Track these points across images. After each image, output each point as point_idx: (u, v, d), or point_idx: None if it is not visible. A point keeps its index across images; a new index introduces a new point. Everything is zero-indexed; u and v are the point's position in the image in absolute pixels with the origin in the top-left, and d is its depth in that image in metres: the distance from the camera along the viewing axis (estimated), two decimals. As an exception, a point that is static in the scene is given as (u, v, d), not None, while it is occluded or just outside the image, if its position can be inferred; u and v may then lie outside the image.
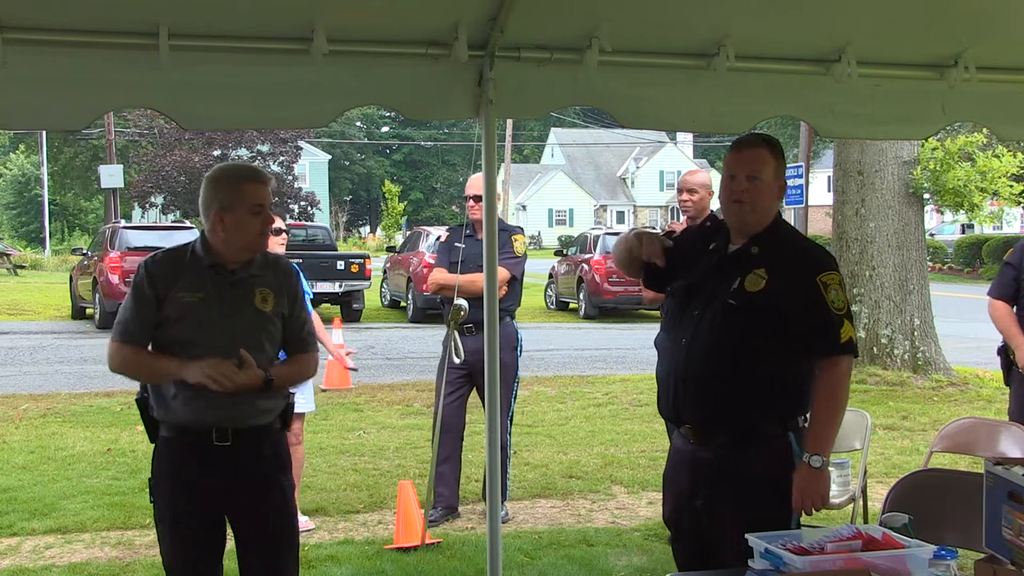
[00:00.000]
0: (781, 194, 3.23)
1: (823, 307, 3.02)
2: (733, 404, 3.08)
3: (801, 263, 3.09)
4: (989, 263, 33.65)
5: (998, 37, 4.06)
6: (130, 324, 3.31)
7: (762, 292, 3.06)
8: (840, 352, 3.06)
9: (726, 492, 3.10)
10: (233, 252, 3.33)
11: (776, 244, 3.15)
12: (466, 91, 3.88)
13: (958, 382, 10.87)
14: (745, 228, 3.20)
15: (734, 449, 3.09)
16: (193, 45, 3.54)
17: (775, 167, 3.18)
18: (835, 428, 3.09)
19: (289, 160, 42.45)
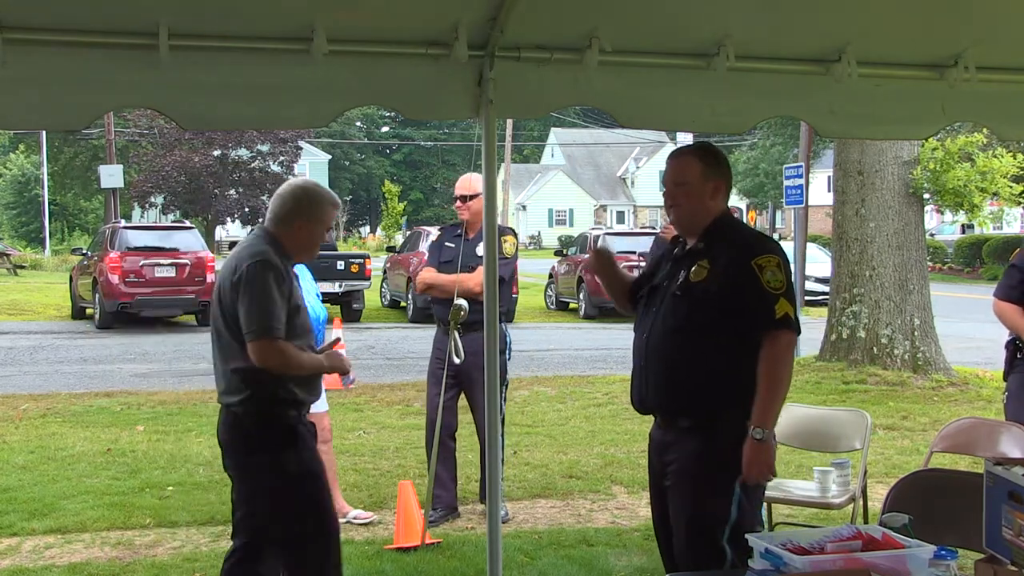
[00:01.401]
0: (717, 193, 3.44)
1: (758, 286, 3.22)
2: (690, 389, 3.31)
3: (739, 250, 3.31)
4: (989, 263, 33.66)
5: (998, 37, 4.06)
6: (280, 321, 3.61)
7: (703, 280, 3.31)
8: (776, 327, 3.23)
9: (682, 470, 3.31)
10: (298, 255, 3.85)
11: (720, 237, 3.39)
12: (466, 91, 3.88)
13: (958, 382, 10.87)
14: (689, 228, 3.47)
15: (695, 431, 3.30)
16: (193, 45, 3.54)
17: (702, 170, 3.43)
18: (777, 401, 3.23)
19: (289, 160, 42.45)
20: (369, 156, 77.72)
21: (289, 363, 3.64)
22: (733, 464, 3.21)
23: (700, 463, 3.28)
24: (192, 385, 11.74)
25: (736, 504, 3.24)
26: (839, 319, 11.38)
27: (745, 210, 50.51)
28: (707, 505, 3.25)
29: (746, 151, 54.15)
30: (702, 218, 3.43)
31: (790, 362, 3.27)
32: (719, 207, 3.45)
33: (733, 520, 3.23)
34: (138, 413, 9.75)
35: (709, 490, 3.25)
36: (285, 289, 3.64)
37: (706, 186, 3.42)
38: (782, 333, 3.24)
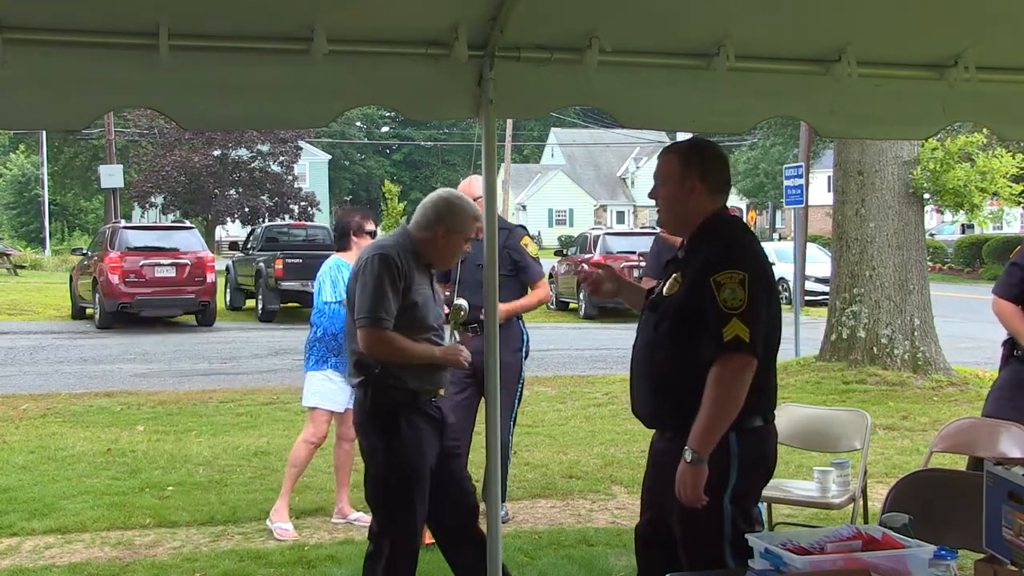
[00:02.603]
0: (697, 191, 3.25)
1: (714, 305, 3.04)
2: (670, 403, 3.21)
3: (704, 264, 3.12)
4: (989, 263, 33.66)
5: (998, 37, 4.06)
6: (389, 312, 3.88)
7: (675, 295, 3.20)
8: (724, 350, 3.03)
9: (667, 484, 3.16)
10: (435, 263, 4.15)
11: (700, 245, 3.23)
12: (466, 91, 3.88)
13: (958, 382, 10.86)
14: (674, 228, 3.42)
15: (677, 442, 3.12)
16: (193, 45, 3.54)
17: (681, 168, 3.28)
18: (716, 427, 3.04)
19: (289, 160, 42.43)
20: (369, 156, 77.71)
21: (393, 352, 3.89)
22: (714, 482, 3.06)
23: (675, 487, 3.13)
24: (192, 385, 11.74)
25: (730, 521, 3.12)
26: (839, 319, 11.38)
27: (745, 210, 50.52)
28: (698, 527, 3.12)
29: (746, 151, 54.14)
30: (686, 219, 3.29)
31: (738, 386, 3.03)
32: (706, 208, 3.25)
33: (729, 536, 3.11)
34: (138, 413, 9.75)
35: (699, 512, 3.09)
36: (400, 284, 3.90)
37: (686, 184, 3.25)
38: (732, 356, 3.02)
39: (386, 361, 3.91)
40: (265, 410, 9.87)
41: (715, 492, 3.07)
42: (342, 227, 6.01)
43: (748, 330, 3.02)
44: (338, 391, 5.89)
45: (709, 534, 3.11)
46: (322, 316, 5.86)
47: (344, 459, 6.10)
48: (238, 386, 11.61)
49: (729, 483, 3.10)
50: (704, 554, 3.12)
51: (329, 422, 5.98)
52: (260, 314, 19.62)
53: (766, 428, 3.21)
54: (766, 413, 3.21)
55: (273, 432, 8.72)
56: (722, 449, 3.08)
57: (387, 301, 3.86)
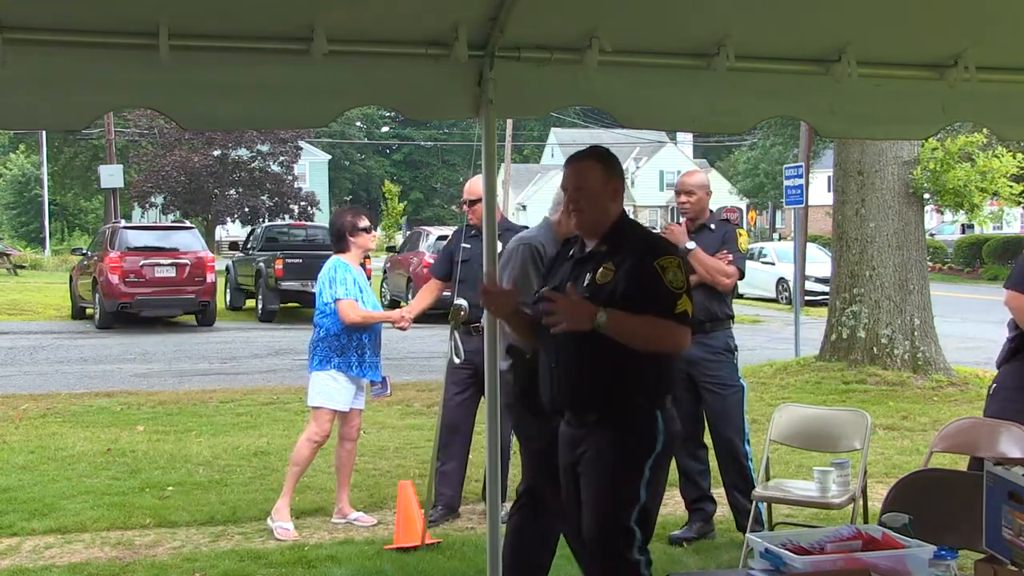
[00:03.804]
0: (616, 195, 3.57)
1: (661, 285, 3.37)
2: (600, 386, 3.44)
3: (642, 252, 3.44)
4: (989, 263, 33.67)
5: (998, 37, 4.06)
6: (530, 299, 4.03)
7: (610, 281, 3.42)
8: (675, 320, 3.37)
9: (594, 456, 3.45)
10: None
11: (621, 239, 3.52)
12: (466, 91, 3.88)
13: (958, 382, 10.86)
14: (592, 231, 3.57)
15: (603, 426, 3.45)
16: (193, 45, 3.54)
17: (602, 173, 3.55)
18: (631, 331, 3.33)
19: (289, 160, 42.41)
20: (369, 156, 77.70)
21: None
22: (643, 448, 3.39)
23: (611, 448, 3.42)
24: (192, 385, 11.74)
25: (644, 486, 3.38)
26: (839, 319, 11.38)
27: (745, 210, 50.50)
28: (618, 487, 3.40)
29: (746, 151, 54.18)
30: (603, 219, 3.54)
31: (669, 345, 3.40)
32: (617, 209, 3.58)
33: (642, 501, 3.38)
34: (138, 413, 9.75)
35: (619, 473, 3.40)
36: (544, 270, 4.12)
37: (607, 189, 3.53)
38: (678, 327, 3.38)
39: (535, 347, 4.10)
40: (265, 410, 9.87)
41: (639, 460, 3.40)
42: (337, 230, 6.02)
43: (691, 307, 3.43)
44: (342, 391, 5.90)
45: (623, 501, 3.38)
46: (324, 317, 5.87)
47: (345, 459, 6.11)
48: (238, 386, 11.61)
49: (654, 450, 3.41)
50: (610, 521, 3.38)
51: (332, 421, 5.99)
52: (260, 314, 19.62)
53: (671, 409, 3.52)
54: (674, 393, 3.56)
55: (273, 432, 8.72)
56: (650, 423, 3.42)
57: (531, 288, 4.09)
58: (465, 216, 6.14)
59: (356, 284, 5.87)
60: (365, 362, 5.94)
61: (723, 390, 5.57)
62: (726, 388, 5.57)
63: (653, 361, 3.42)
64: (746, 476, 5.61)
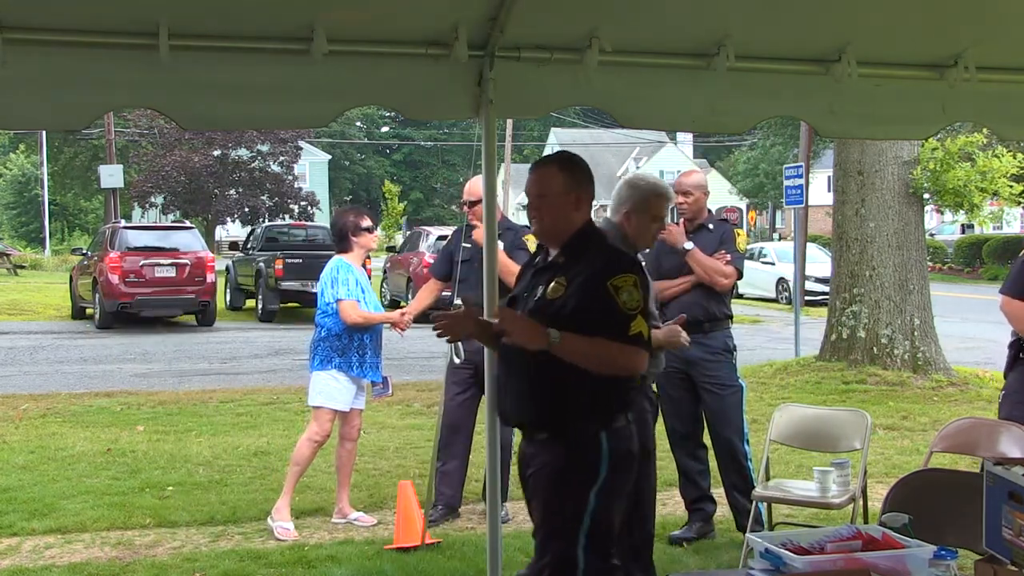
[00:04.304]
0: (579, 204, 3.37)
1: (614, 306, 3.18)
2: (546, 404, 3.27)
3: (596, 269, 3.25)
4: (989, 263, 33.67)
5: (998, 37, 4.06)
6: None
7: (560, 297, 3.25)
8: (628, 342, 3.19)
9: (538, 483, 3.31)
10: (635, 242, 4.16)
11: (580, 252, 3.34)
12: (466, 91, 3.88)
13: (958, 382, 10.86)
14: (552, 239, 3.42)
15: (550, 444, 3.29)
16: (193, 45, 3.54)
17: (563, 181, 3.37)
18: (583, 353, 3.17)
19: (289, 160, 42.41)
20: (369, 156, 77.68)
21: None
22: (584, 474, 3.21)
23: (552, 472, 3.26)
24: (192, 385, 11.74)
25: (590, 513, 3.20)
26: (839, 319, 11.38)
27: (745, 210, 50.51)
28: (558, 514, 3.23)
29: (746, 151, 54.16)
30: (565, 229, 3.38)
31: (622, 368, 3.23)
32: (582, 217, 3.40)
33: (587, 527, 3.20)
34: (138, 413, 9.75)
35: (560, 500, 3.23)
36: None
37: (568, 197, 3.36)
38: (632, 348, 3.20)
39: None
40: (265, 410, 9.87)
41: (583, 486, 3.21)
42: (339, 230, 6.03)
43: (647, 328, 3.25)
44: (342, 390, 5.90)
45: (567, 527, 3.21)
46: (326, 317, 5.87)
47: (346, 459, 6.11)
48: (238, 386, 11.61)
49: (598, 479, 3.22)
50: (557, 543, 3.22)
51: (333, 421, 5.99)
52: (260, 314, 19.62)
53: (629, 427, 3.33)
54: (628, 411, 3.35)
55: (273, 432, 8.72)
56: (593, 446, 3.22)
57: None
58: (465, 216, 6.14)
59: (358, 285, 5.87)
60: (366, 362, 5.95)
61: (722, 390, 5.57)
62: (725, 388, 5.57)
63: (602, 378, 3.24)
64: (746, 476, 5.61)
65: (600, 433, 3.23)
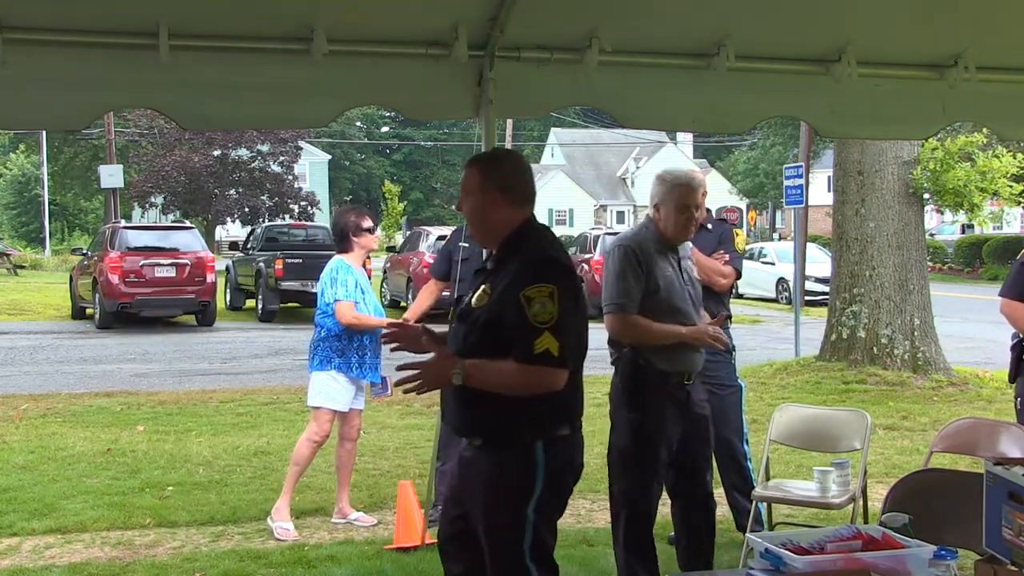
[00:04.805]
0: (500, 203, 3.21)
1: (523, 320, 3.01)
2: (478, 412, 3.15)
3: (513, 278, 3.09)
4: (989, 263, 33.66)
5: (998, 37, 4.06)
6: (631, 297, 4.18)
7: (483, 307, 3.14)
8: (532, 362, 3.01)
9: (472, 492, 3.20)
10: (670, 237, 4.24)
11: (508, 257, 3.18)
12: (466, 91, 3.88)
13: (958, 382, 10.86)
14: (483, 240, 3.36)
15: (484, 451, 3.17)
16: (193, 45, 3.54)
17: (481, 180, 3.23)
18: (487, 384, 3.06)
19: (289, 160, 42.42)
20: (369, 156, 77.69)
21: (639, 334, 4.21)
22: (519, 487, 3.10)
23: (490, 486, 3.15)
24: (192, 385, 11.74)
25: (531, 529, 3.12)
26: (839, 319, 11.38)
27: (745, 210, 50.51)
28: (503, 528, 3.14)
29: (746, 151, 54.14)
30: (492, 229, 3.24)
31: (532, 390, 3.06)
32: (511, 218, 3.21)
33: (530, 542, 3.13)
34: (138, 413, 9.75)
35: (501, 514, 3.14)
36: (642, 271, 4.17)
37: (485, 196, 3.21)
38: (540, 369, 3.02)
39: (635, 343, 4.23)
40: (265, 410, 9.87)
41: (519, 501, 3.10)
42: (340, 229, 6.02)
43: (558, 343, 3.02)
44: (342, 391, 5.90)
45: (510, 541, 3.13)
46: (325, 317, 5.87)
47: (345, 459, 6.11)
48: (238, 386, 11.61)
49: (534, 494, 3.10)
50: (506, 560, 3.15)
51: (332, 421, 5.99)
52: (260, 314, 19.62)
53: (574, 436, 3.22)
54: (573, 421, 3.22)
55: (273, 432, 8.72)
56: (528, 459, 3.10)
57: (630, 288, 4.16)
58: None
59: (357, 286, 5.87)
60: (365, 363, 5.95)
61: (721, 390, 5.56)
62: (724, 388, 5.56)
63: None
64: (745, 476, 5.61)
65: (536, 444, 3.10)
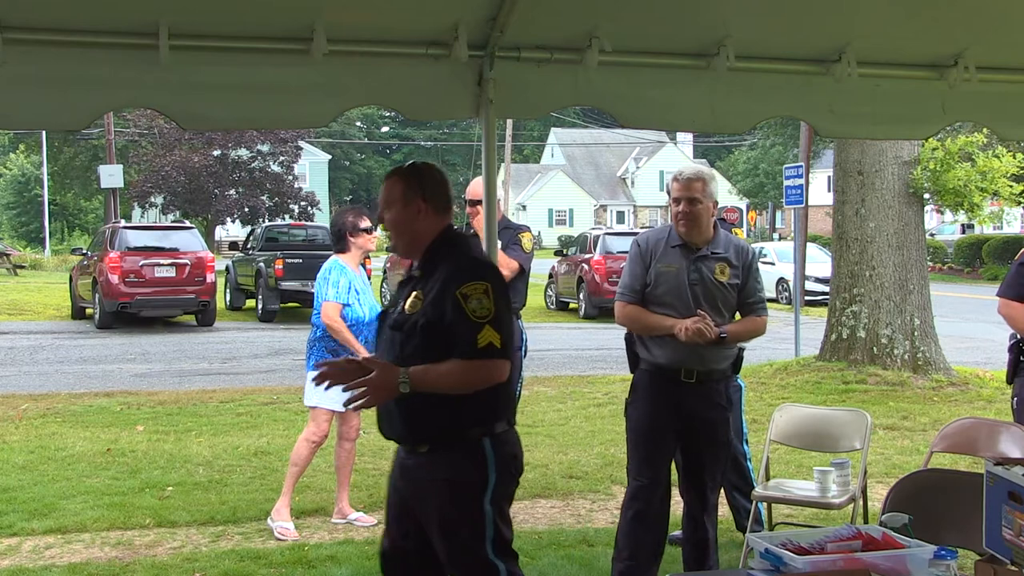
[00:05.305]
0: (425, 213, 3.30)
1: (463, 316, 3.12)
2: (422, 416, 3.20)
3: (446, 279, 3.19)
4: (989, 263, 33.66)
5: (998, 37, 4.06)
6: (630, 288, 4.45)
7: (417, 312, 3.22)
8: (477, 356, 3.12)
9: (425, 496, 3.24)
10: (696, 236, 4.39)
11: (435, 263, 3.29)
12: (466, 91, 3.88)
13: (958, 382, 10.86)
14: (408, 251, 3.38)
15: (433, 456, 3.23)
16: (193, 45, 3.54)
17: (403, 191, 3.31)
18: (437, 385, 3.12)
19: (289, 160, 42.40)
20: (369, 156, 77.71)
21: (633, 323, 4.47)
22: (479, 485, 3.20)
23: (445, 489, 3.21)
24: (192, 385, 11.74)
25: (491, 522, 3.21)
26: (839, 319, 11.38)
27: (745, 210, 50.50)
28: (464, 528, 3.21)
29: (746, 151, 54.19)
30: (416, 239, 3.33)
31: (479, 385, 3.16)
32: (434, 227, 3.32)
33: (491, 536, 3.21)
34: (138, 413, 9.75)
35: (460, 514, 3.20)
36: (644, 262, 4.42)
37: (409, 208, 3.30)
38: (485, 362, 3.14)
39: (632, 331, 4.50)
40: (265, 410, 9.87)
41: (476, 495, 3.19)
42: (337, 229, 6.02)
43: (499, 336, 3.15)
44: (338, 390, 5.88)
45: (472, 538, 3.20)
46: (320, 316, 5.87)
47: (345, 459, 6.11)
48: (238, 386, 11.61)
49: (488, 486, 3.21)
50: (468, 558, 3.22)
51: (330, 421, 5.99)
52: (260, 314, 19.62)
53: (511, 431, 3.32)
54: (510, 417, 3.33)
55: (273, 432, 8.72)
56: (478, 454, 3.20)
57: (632, 279, 4.43)
58: (465, 216, 6.14)
59: (351, 287, 5.85)
60: None
61: (721, 390, 5.56)
62: (725, 388, 5.56)
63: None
64: (746, 476, 5.61)
65: (483, 439, 3.21)
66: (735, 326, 4.43)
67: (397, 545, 3.40)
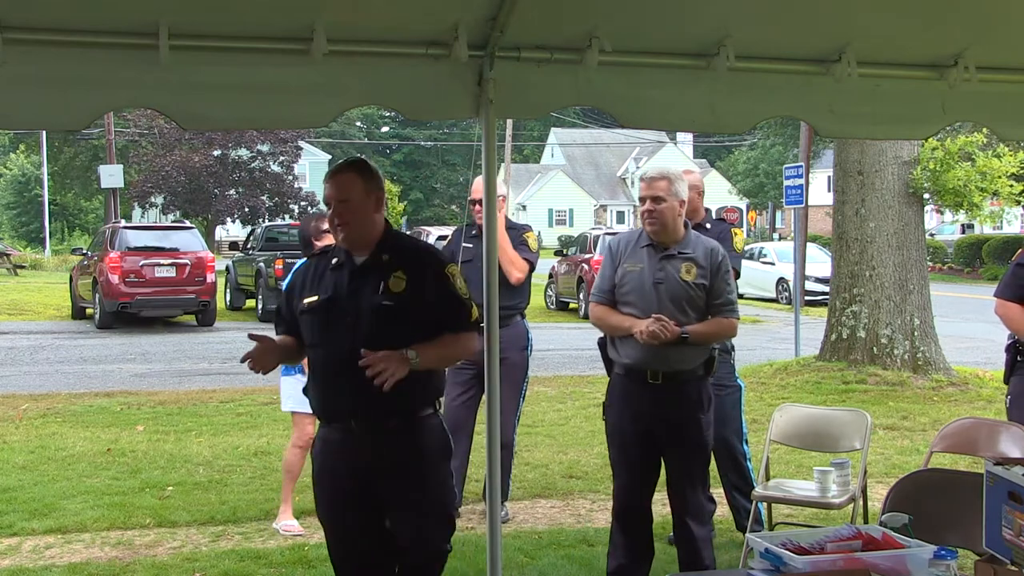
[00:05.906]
0: (379, 205, 3.55)
1: (453, 293, 3.49)
2: (399, 393, 3.34)
3: (427, 260, 3.54)
4: (989, 263, 33.66)
5: (998, 37, 4.06)
6: (600, 289, 4.56)
7: (405, 291, 3.45)
8: (472, 328, 3.53)
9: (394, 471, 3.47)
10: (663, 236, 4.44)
11: (400, 248, 3.56)
12: (466, 91, 3.88)
13: (958, 382, 10.86)
14: (359, 243, 3.53)
15: (401, 432, 3.47)
16: (193, 45, 3.53)
17: (363, 185, 3.52)
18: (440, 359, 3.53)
19: (289, 160, 42.42)
20: (369, 156, 77.62)
21: (600, 323, 4.56)
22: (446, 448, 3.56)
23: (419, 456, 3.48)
24: (192, 385, 11.75)
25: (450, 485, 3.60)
26: (839, 319, 11.38)
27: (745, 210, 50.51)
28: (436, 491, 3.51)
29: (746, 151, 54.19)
30: (370, 232, 3.52)
31: (464, 357, 3.60)
32: (382, 219, 3.58)
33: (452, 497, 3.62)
34: (138, 413, 9.76)
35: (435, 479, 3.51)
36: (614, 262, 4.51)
37: (369, 200, 3.51)
38: (474, 335, 3.53)
39: (602, 331, 4.60)
40: (265, 410, 9.87)
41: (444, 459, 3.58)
42: (304, 237, 6.03)
43: (478, 312, 3.56)
44: None
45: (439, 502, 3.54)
46: None
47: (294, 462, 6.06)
48: (238, 386, 11.61)
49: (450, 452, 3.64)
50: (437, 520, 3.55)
51: (313, 423, 5.95)
52: (260, 314, 19.62)
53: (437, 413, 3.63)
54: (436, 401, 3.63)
55: (273, 432, 8.72)
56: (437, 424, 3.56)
57: (601, 279, 4.57)
58: (466, 215, 6.15)
59: None
60: None
61: (720, 390, 5.55)
62: (723, 388, 5.56)
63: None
64: (745, 476, 5.61)
65: (436, 414, 3.55)
66: (700, 327, 4.39)
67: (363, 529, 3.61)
